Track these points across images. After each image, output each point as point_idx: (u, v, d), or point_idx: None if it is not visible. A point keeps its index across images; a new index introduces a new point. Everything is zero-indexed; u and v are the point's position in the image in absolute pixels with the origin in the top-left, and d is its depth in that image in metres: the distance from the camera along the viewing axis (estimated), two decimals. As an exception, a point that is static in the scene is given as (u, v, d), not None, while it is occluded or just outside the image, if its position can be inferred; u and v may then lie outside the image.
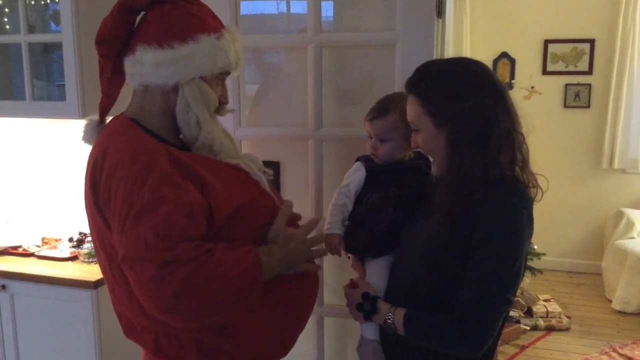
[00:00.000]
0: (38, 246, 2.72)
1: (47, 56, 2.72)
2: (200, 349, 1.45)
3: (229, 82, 1.60)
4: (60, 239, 2.77)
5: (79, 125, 2.69)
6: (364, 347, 1.72)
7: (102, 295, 2.33)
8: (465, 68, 1.46)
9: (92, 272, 2.41)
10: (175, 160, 1.37)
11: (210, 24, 1.47)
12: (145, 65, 1.42)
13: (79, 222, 2.71)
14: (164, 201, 1.29)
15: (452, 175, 1.45)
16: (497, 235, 1.39)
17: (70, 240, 2.67)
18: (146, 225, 1.27)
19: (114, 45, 1.45)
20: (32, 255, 2.63)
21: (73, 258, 2.57)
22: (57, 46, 2.60)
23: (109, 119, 1.55)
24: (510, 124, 1.44)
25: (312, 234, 1.64)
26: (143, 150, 1.36)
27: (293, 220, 1.61)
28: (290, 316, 1.56)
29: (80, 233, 2.68)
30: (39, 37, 2.55)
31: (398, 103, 1.70)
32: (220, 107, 1.55)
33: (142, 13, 1.48)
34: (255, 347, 1.48)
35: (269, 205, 1.52)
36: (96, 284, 2.32)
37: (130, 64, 1.45)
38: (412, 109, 1.50)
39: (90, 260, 2.50)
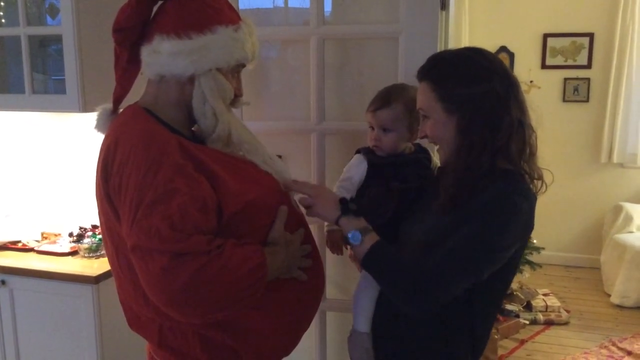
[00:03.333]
0: (38, 241, 2.70)
1: (43, 50, 2.70)
2: (204, 343, 1.44)
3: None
4: (60, 234, 2.75)
5: (78, 119, 2.70)
6: (354, 337, 1.73)
7: (103, 290, 2.32)
8: (479, 54, 1.46)
9: (92, 267, 2.39)
10: (187, 152, 1.36)
11: (227, 16, 1.46)
12: (162, 55, 1.41)
13: (79, 216, 2.70)
14: (178, 192, 1.28)
15: (462, 159, 1.44)
16: (491, 219, 1.37)
17: (70, 235, 2.65)
18: (160, 216, 1.26)
19: (131, 33, 1.44)
20: (31, 250, 2.61)
21: (73, 253, 2.54)
22: (53, 40, 2.58)
23: (121, 108, 1.54)
24: (521, 115, 1.44)
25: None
26: (156, 140, 1.35)
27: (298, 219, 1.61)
28: (295, 315, 1.55)
29: (81, 228, 2.66)
30: (39, 30, 2.52)
31: (401, 93, 1.71)
32: (235, 99, 1.54)
33: (160, 2, 1.47)
34: (259, 344, 1.47)
35: (276, 205, 1.50)
36: (97, 279, 2.30)
37: (146, 53, 1.44)
38: (424, 95, 1.49)
39: (91, 255, 2.48)
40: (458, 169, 1.44)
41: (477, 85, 1.41)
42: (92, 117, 1.57)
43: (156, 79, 1.46)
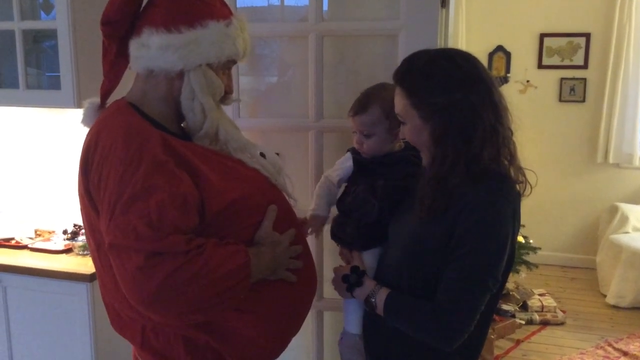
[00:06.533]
0: (31, 238, 2.67)
1: (37, 46, 2.67)
2: (188, 346, 1.41)
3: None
4: (54, 231, 2.72)
5: (72, 115, 2.67)
6: (345, 340, 1.73)
7: (97, 288, 2.25)
8: (453, 62, 1.43)
9: (87, 265, 2.37)
10: (171, 148, 1.33)
11: (219, 11, 1.44)
12: (151, 49, 1.38)
13: (74, 214, 2.67)
14: (156, 190, 1.26)
15: (436, 169, 1.44)
16: (478, 231, 1.38)
17: (65, 232, 2.62)
18: (137, 213, 1.23)
19: (119, 26, 1.42)
20: (25, 247, 2.58)
21: (67, 250, 2.52)
22: (47, 36, 2.56)
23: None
24: (495, 120, 1.42)
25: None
26: (137, 136, 1.32)
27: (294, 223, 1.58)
28: (284, 319, 1.51)
29: (75, 225, 2.63)
30: (34, 24, 2.49)
31: (378, 96, 1.68)
32: (225, 96, 1.52)
33: None
34: (244, 347, 1.44)
35: (265, 204, 1.48)
36: (91, 277, 2.28)
37: (135, 47, 1.41)
38: (399, 101, 1.48)
39: (85, 252, 2.45)
40: (433, 179, 1.44)
41: (450, 94, 1.40)
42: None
43: (144, 73, 1.43)
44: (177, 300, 1.24)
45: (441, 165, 1.42)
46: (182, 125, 1.51)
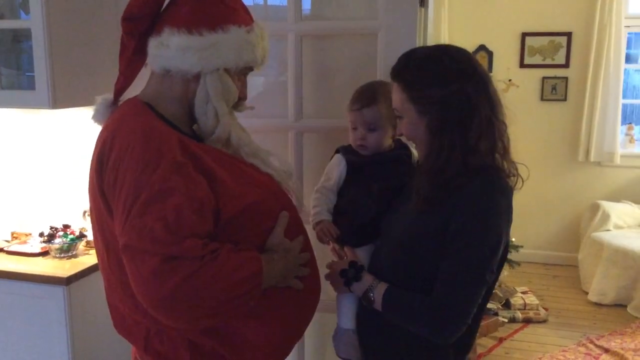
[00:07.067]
0: (7, 241, 2.63)
1: (18, 46, 2.62)
2: (193, 350, 1.40)
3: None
4: (30, 234, 2.68)
5: (49, 116, 2.63)
6: (339, 336, 1.72)
7: (74, 291, 2.26)
8: (449, 55, 1.45)
9: (63, 267, 2.33)
10: (188, 150, 1.32)
11: (241, 16, 1.43)
12: (171, 49, 1.37)
13: (50, 216, 2.63)
14: (174, 192, 1.24)
15: (432, 161, 1.45)
16: (475, 224, 1.39)
17: (41, 235, 2.58)
18: (154, 215, 1.21)
19: (140, 23, 1.40)
20: (1, 250, 2.54)
21: (44, 253, 2.48)
22: (26, 36, 2.51)
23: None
24: (491, 112, 1.44)
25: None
26: (156, 137, 1.31)
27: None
28: (288, 326, 1.50)
29: (52, 227, 2.59)
30: (7, 24, 2.45)
31: (384, 90, 1.69)
32: (239, 102, 1.51)
33: None
34: (250, 353, 1.43)
35: (278, 209, 1.47)
36: (68, 280, 2.24)
37: (154, 46, 1.40)
38: (397, 96, 1.50)
39: (62, 255, 2.42)
40: (430, 171, 1.45)
41: (447, 87, 1.41)
42: (62, 114, 1.51)
43: (161, 72, 1.42)
44: (190, 306, 1.23)
45: (437, 158, 1.43)
46: (192, 127, 1.49)
